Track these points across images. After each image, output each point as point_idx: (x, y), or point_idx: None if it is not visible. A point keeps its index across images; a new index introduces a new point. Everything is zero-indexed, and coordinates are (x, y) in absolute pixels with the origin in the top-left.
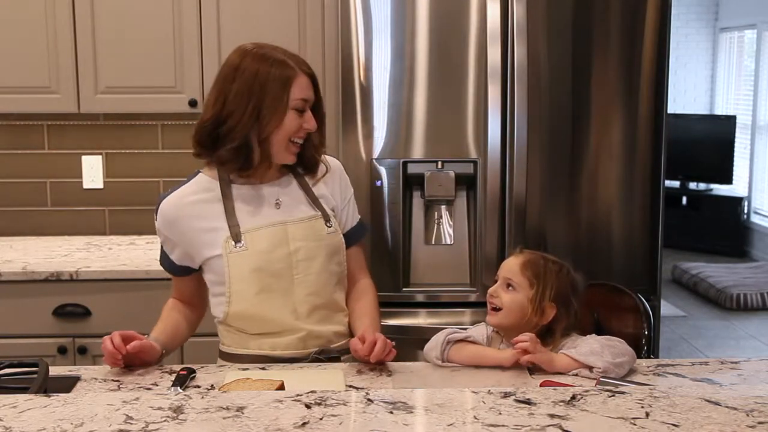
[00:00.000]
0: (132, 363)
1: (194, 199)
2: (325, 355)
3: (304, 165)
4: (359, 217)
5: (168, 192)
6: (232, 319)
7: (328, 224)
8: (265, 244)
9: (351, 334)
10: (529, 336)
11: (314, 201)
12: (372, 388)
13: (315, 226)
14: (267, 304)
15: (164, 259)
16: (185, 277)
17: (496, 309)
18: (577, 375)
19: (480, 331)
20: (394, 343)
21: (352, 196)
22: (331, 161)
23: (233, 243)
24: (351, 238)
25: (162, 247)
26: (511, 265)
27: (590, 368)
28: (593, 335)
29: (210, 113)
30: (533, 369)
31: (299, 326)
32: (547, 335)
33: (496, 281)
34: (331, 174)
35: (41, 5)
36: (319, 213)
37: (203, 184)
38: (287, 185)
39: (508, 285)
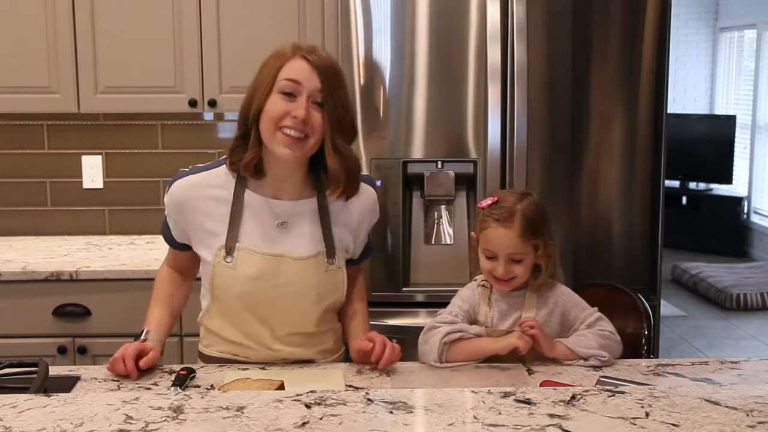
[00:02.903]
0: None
1: (207, 193)
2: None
3: (327, 178)
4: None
5: (188, 171)
6: (211, 321)
7: (329, 260)
8: (253, 270)
9: (345, 343)
10: (534, 321)
11: (326, 234)
12: (372, 388)
13: (314, 264)
14: (244, 322)
15: (166, 230)
16: (182, 252)
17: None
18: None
19: (467, 298)
20: (399, 346)
21: (374, 224)
22: (365, 190)
23: (224, 255)
24: (360, 258)
25: (166, 217)
26: (510, 240)
27: (585, 359)
28: (594, 313)
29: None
30: (530, 359)
31: (274, 347)
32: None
33: (492, 257)
34: (364, 205)
35: (41, 5)
36: (323, 248)
37: (222, 179)
38: (302, 209)
39: (514, 260)
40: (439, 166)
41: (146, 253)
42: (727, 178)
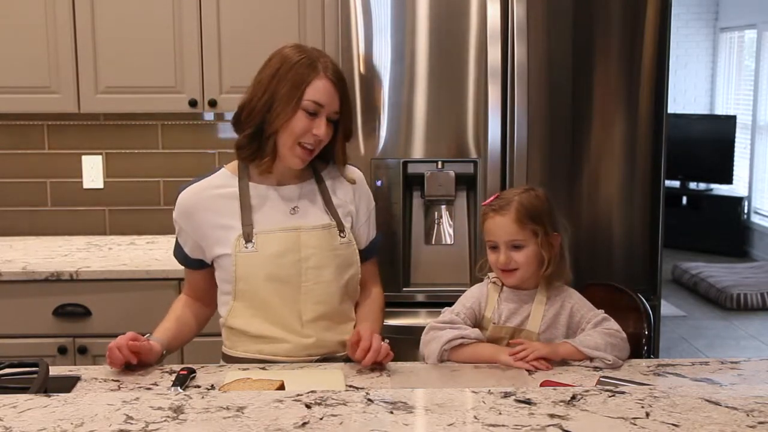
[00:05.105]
0: (131, 362)
1: (213, 193)
2: (329, 363)
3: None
4: (375, 231)
5: (188, 183)
6: (235, 320)
7: (341, 234)
8: (275, 248)
9: None
10: (524, 345)
11: (331, 209)
12: (372, 388)
13: (328, 235)
14: (273, 308)
15: (178, 250)
16: (197, 271)
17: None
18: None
19: (474, 295)
20: (388, 346)
21: (373, 210)
22: (353, 171)
23: (244, 243)
24: (368, 252)
25: (177, 238)
26: (507, 226)
27: (591, 359)
28: (600, 313)
29: (241, 100)
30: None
31: (303, 332)
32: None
33: (494, 247)
34: (354, 184)
35: (41, 5)
36: (334, 222)
37: (224, 179)
38: (306, 190)
39: (514, 246)
40: (440, 166)
41: (146, 253)
42: (727, 178)
